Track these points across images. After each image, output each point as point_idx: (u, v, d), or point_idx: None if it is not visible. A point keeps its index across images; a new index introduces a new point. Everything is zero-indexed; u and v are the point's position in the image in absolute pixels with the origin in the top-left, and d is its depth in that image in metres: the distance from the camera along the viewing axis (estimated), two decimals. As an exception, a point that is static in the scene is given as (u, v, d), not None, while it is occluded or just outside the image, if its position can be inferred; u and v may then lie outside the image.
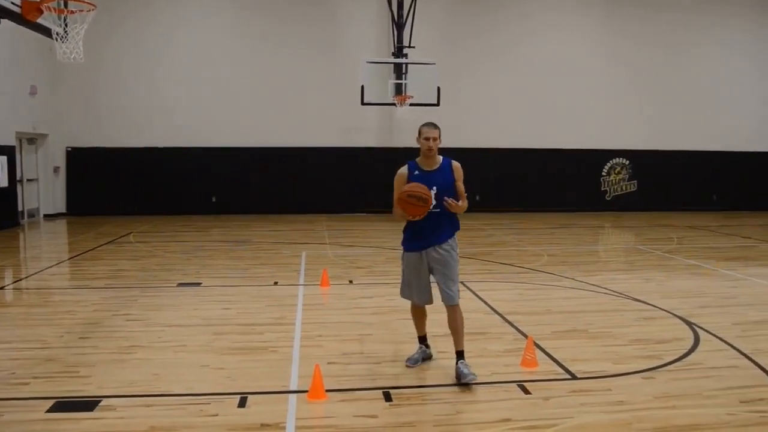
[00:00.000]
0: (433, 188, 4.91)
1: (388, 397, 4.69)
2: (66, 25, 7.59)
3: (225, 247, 12.36)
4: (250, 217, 17.72)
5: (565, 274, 9.63)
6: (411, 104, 16.30)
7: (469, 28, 19.13)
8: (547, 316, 7.13)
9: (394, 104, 16.52)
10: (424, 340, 5.52)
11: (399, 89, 16.43)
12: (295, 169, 18.67)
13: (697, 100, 20.26)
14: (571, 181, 19.93)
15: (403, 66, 16.62)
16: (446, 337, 5.86)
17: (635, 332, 6.47)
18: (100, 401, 4.58)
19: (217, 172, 18.40)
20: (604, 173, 20.20)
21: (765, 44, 20.68)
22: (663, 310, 7.37)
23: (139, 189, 18.14)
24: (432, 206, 4.88)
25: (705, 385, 4.95)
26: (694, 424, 4.25)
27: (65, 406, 4.51)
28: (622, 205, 20.21)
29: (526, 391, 4.80)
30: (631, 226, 16.69)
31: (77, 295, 8.25)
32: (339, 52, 18.52)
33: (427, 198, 4.81)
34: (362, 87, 16.31)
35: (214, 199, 18.52)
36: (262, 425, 4.21)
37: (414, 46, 16.98)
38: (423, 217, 4.88)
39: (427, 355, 5.50)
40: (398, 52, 17.00)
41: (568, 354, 5.70)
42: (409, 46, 16.98)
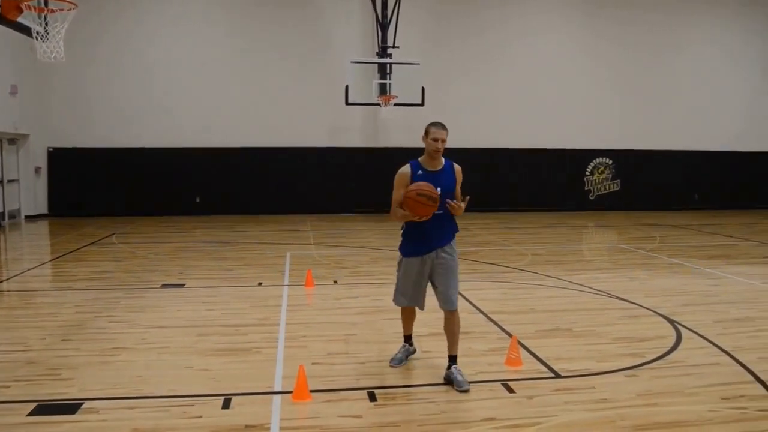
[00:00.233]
0: (438, 189, 4.72)
1: (373, 397, 4.69)
2: (47, 24, 7.52)
3: (209, 248, 12.29)
4: (235, 217, 17.64)
5: (549, 273, 9.68)
6: (395, 104, 16.33)
7: (453, 29, 19.19)
8: (531, 315, 7.17)
9: (378, 104, 16.53)
10: (409, 339, 5.53)
11: (383, 89, 16.45)
12: (280, 170, 18.62)
13: (679, 100, 20.49)
14: (555, 181, 20.07)
15: (388, 66, 16.65)
16: (431, 336, 5.89)
17: (619, 331, 6.52)
18: (82, 404, 4.54)
19: (201, 173, 18.30)
20: (587, 173, 20.35)
21: (747, 44, 20.94)
22: (646, 308, 7.43)
23: (122, 190, 17.99)
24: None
25: (687, 383, 5.00)
26: (676, 421, 4.29)
27: (47, 409, 4.46)
28: (605, 204, 20.38)
29: (511, 390, 4.82)
30: (615, 225, 16.82)
31: (59, 297, 8.17)
32: (324, 53, 18.49)
33: (437, 198, 4.64)
34: (347, 87, 16.33)
35: (198, 200, 18.42)
36: (247, 426, 4.19)
37: (398, 47, 17.01)
38: (429, 217, 4.72)
39: (411, 351, 5.50)
40: (382, 52, 17.00)
41: (552, 353, 5.73)
42: (393, 46, 17.00)
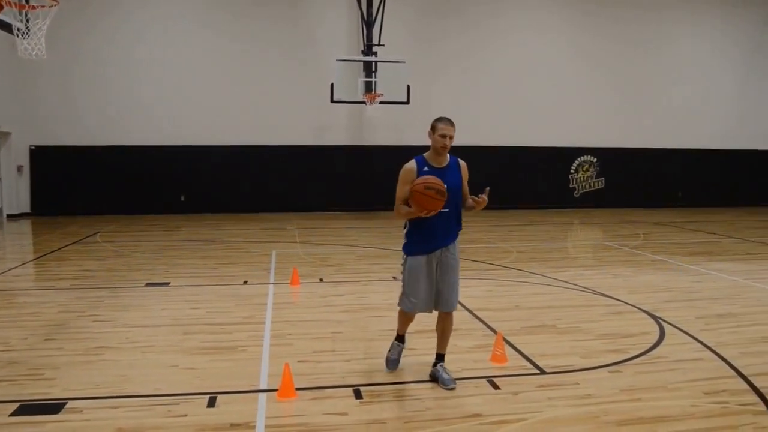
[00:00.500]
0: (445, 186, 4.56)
1: (359, 395, 4.69)
2: (28, 21, 7.43)
3: (194, 247, 12.22)
4: (220, 216, 17.56)
5: (534, 270, 9.72)
6: (381, 102, 16.30)
7: (439, 27, 19.20)
8: (516, 312, 7.20)
9: (364, 102, 16.50)
10: (403, 338, 5.32)
11: (369, 87, 16.41)
12: (265, 168, 18.56)
13: (664, 99, 20.67)
14: (540, 179, 20.17)
15: (373, 64, 16.61)
16: (417, 333, 5.88)
17: (603, 327, 6.56)
18: (65, 404, 4.50)
19: (186, 171, 18.19)
20: (572, 170, 20.47)
21: (734, 42, 21.14)
22: (630, 305, 7.49)
23: (105, 188, 17.83)
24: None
25: (670, 378, 5.04)
26: (660, 416, 4.33)
27: (30, 409, 4.42)
28: (590, 201, 20.50)
29: (496, 386, 4.85)
30: (599, 222, 16.93)
31: (42, 297, 8.09)
32: (309, 50, 18.44)
33: (445, 191, 4.49)
34: (332, 85, 16.28)
35: (182, 199, 18.30)
36: (232, 425, 4.18)
37: (384, 44, 16.98)
38: (437, 213, 4.57)
39: (402, 348, 5.42)
40: (368, 50, 16.98)
41: (536, 349, 5.76)
42: (379, 44, 16.97)
